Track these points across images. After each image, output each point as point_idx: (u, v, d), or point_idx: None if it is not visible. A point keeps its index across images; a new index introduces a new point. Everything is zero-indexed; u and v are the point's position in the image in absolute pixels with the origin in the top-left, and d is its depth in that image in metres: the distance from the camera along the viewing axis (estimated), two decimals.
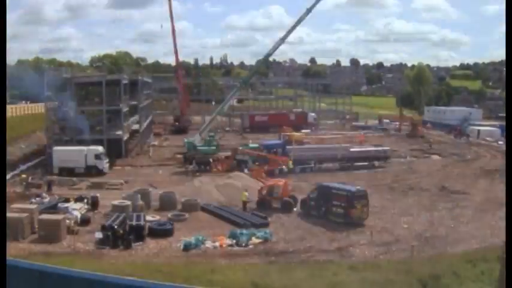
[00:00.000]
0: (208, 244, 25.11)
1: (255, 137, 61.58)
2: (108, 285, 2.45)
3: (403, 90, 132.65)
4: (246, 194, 32.63)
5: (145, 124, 61.49)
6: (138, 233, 25.35)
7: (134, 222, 26.02)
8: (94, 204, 31.29)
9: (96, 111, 53.28)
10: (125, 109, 51.33)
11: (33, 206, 28.47)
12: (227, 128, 76.72)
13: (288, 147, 47.28)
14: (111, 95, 53.05)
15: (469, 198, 36.02)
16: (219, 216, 30.47)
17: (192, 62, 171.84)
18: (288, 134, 61.54)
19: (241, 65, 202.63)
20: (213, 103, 76.29)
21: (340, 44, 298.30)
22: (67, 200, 31.00)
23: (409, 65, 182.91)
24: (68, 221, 26.50)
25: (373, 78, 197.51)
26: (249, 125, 76.67)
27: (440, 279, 19.96)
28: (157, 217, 29.10)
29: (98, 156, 43.01)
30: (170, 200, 32.50)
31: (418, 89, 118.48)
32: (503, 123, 52.92)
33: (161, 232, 26.35)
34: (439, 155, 55.84)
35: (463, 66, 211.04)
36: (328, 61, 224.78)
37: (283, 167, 43.68)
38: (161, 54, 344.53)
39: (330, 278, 20.56)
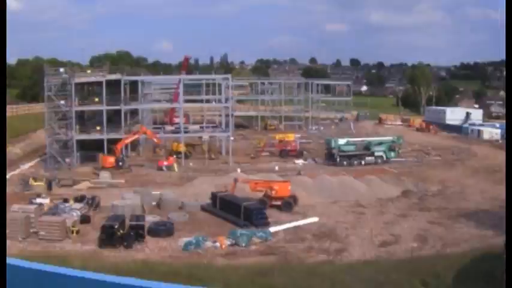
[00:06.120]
0: (209, 244, 25.13)
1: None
2: (108, 285, 2.43)
3: (403, 90, 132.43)
4: None
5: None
6: (138, 233, 25.39)
7: (134, 222, 26.04)
8: (94, 204, 31.26)
9: (96, 111, 53.18)
10: (125, 109, 51.31)
11: (33, 206, 28.47)
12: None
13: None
14: (112, 95, 52.93)
15: None
16: (219, 216, 30.51)
17: (192, 61, 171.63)
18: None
19: (241, 64, 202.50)
20: (214, 103, 76.01)
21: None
22: (66, 200, 30.98)
23: (409, 65, 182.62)
24: (68, 221, 26.49)
25: (373, 78, 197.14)
26: None
27: None
28: (158, 217, 29.10)
29: None
30: (170, 200, 32.49)
31: (418, 89, 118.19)
32: (503, 122, 52.98)
33: (161, 232, 26.38)
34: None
35: (463, 66, 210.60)
36: (328, 61, 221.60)
37: None
38: (161, 54, 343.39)
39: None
